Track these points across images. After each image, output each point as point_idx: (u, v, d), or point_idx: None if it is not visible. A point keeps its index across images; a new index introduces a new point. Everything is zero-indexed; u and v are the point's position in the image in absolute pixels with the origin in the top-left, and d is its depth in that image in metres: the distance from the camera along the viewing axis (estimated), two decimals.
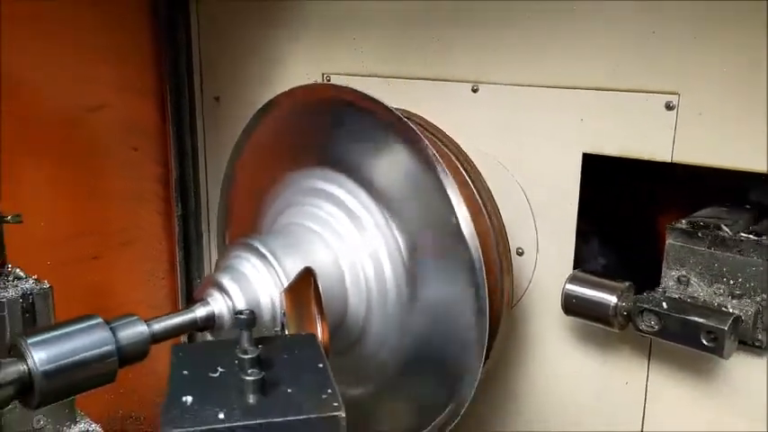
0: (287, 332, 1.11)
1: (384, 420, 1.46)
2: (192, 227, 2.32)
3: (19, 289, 1.31)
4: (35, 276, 1.37)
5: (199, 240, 2.34)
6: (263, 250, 1.21)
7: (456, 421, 1.31)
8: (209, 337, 1.22)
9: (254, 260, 1.20)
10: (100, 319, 1.02)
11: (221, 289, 1.18)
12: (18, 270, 1.38)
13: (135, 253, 2.25)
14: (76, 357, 0.98)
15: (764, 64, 1.19)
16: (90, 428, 1.44)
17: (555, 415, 1.57)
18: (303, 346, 0.94)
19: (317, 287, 1.10)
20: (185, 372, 0.84)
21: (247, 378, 0.79)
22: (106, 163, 2.14)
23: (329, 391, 0.81)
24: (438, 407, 1.31)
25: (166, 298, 2.36)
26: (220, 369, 0.84)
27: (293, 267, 1.21)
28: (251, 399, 0.78)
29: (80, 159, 2.08)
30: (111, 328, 1.02)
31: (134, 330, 1.05)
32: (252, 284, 1.19)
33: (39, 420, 1.39)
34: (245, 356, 0.83)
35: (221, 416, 0.74)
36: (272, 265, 1.20)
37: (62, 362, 0.96)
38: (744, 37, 1.21)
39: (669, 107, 1.31)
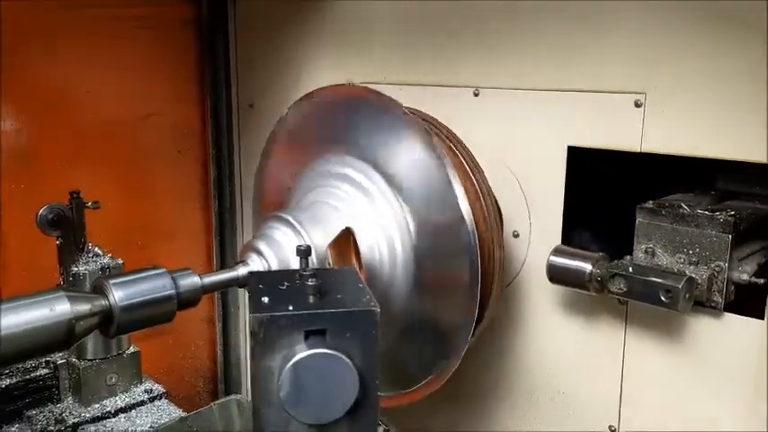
0: None
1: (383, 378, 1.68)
2: (228, 221, 2.57)
3: (98, 263, 1.63)
4: (110, 254, 1.66)
5: (233, 234, 2.59)
6: (293, 221, 1.45)
7: (449, 375, 1.53)
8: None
9: (286, 229, 1.44)
10: (164, 270, 1.27)
11: (258, 252, 1.42)
12: (97, 248, 1.67)
13: (177, 244, 2.51)
14: (147, 297, 1.23)
15: (720, 66, 1.41)
16: (153, 387, 1.71)
17: (542, 374, 1.79)
18: (347, 274, 1.18)
19: (356, 243, 1.35)
20: (261, 285, 1.07)
21: (308, 283, 1.02)
22: (154, 164, 2.41)
23: (367, 296, 1.04)
24: (432, 364, 1.54)
25: None
26: (286, 283, 1.08)
27: (318, 236, 1.45)
28: (310, 299, 1.02)
29: (132, 161, 2.36)
30: (172, 277, 1.27)
31: (190, 280, 1.30)
32: (283, 249, 1.42)
33: (111, 378, 1.66)
34: (306, 272, 1.06)
35: (290, 308, 0.98)
36: (300, 234, 1.44)
37: (136, 299, 1.21)
38: (701, 44, 1.43)
39: (637, 105, 1.53)
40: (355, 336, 0.99)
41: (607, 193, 1.71)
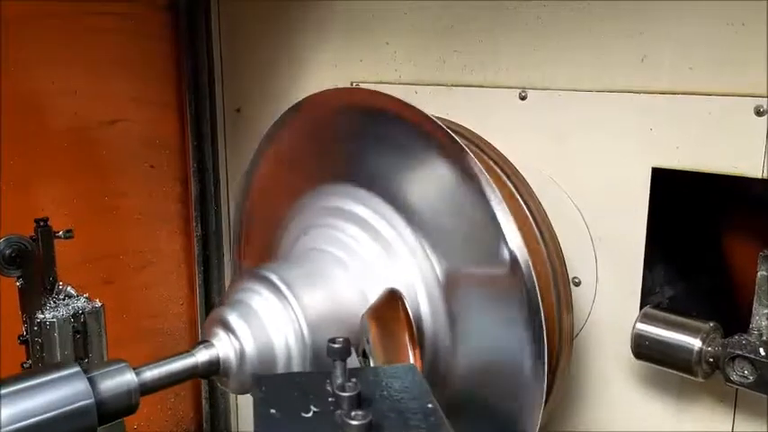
0: (371, 362, 0.99)
1: None
2: (213, 248, 2.18)
3: (70, 308, 1.29)
4: (86, 294, 1.34)
5: (220, 262, 2.20)
6: (278, 282, 1.04)
7: None
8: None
9: (267, 294, 1.03)
10: (77, 368, 0.85)
11: (227, 328, 1.01)
12: (69, 288, 1.34)
13: (151, 277, 2.11)
14: (48, 415, 0.81)
15: None
16: None
17: None
18: (404, 379, 0.80)
19: (407, 311, 0.98)
20: (273, 411, 0.72)
21: (352, 422, 0.66)
22: (122, 180, 2.02)
23: None
24: None
25: (185, 326, 2.21)
26: (314, 408, 0.72)
27: (312, 302, 1.04)
28: None
29: (94, 177, 1.96)
30: (90, 378, 0.85)
31: (119, 380, 0.89)
32: (263, 323, 1.01)
33: None
34: (344, 394, 0.70)
35: None
36: (287, 300, 1.02)
37: (28, 421, 0.79)
38: None
39: (759, 113, 1.11)
40: None
41: (706, 231, 1.29)
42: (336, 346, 0.75)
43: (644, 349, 1.15)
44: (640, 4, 1.23)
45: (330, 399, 0.73)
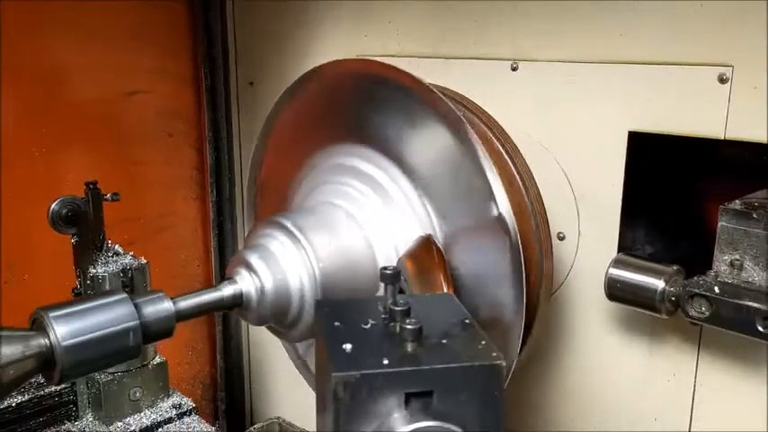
0: None
1: None
2: (227, 213, 2.30)
3: (119, 264, 1.41)
4: (132, 253, 1.46)
5: (234, 227, 2.32)
6: (292, 228, 1.16)
7: None
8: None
9: (283, 238, 1.16)
10: (124, 295, 0.99)
11: (249, 267, 1.14)
12: (117, 246, 1.45)
13: (170, 239, 2.24)
14: (99, 333, 0.95)
15: None
16: (182, 401, 1.50)
17: (595, 408, 1.50)
18: (444, 303, 0.92)
19: (441, 253, 1.08)
20: (337, 323, 0.83)
21: (406, 327, 0.77)
22: (142, 148, 2.14)
23: (483, 342, 0.79)
24: None
25: (201, 286, 2.33)
26: (371, 321, 0.83)
27: (323, 246, 1.17)
28: (409, 347, 0.77)
29: (116, 145, 2.08)
30: (135, 304, 0.99)
31: (159, 307, 1.03)
32: (280, 263, 1.15)
33: (135, 393, 1.45)
34: (397, 308, 0.81)
35: (385, 361, 0.73)
36: (300, 244, 1.16)
37: (84, 336, 0.94)
38: None
39: (722, 80, 1.23)
40: (472, 399, 0.74)
41: (676, 188, 1.41)
42: (388, 272, 0.86)
43: (616, 291, 1.29)
44: None
45: (383, 316, 0.83)
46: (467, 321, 0.85)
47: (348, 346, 0.76)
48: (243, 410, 2.49)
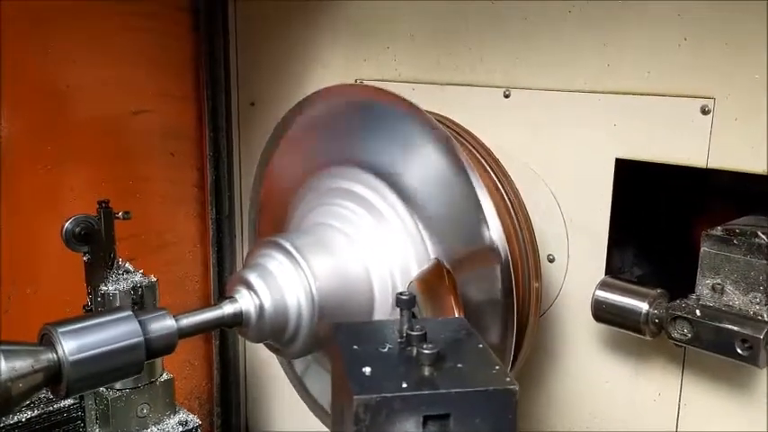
0: None
1: None
2: (226, 230, 2.34)
3: (129, 282, 1.44)
4: (141, 271, 1.49)
5: (232, 244, 2.36)
6: (291, 249, 1.21)
7: None
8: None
9: (281, 258, 1.20)
10: (130, 312, 1.04)
11: (249, 286, 1.19)
12: (128, 264, 1.49)
13: (169, 256, 2.28)
14: (105, 348, 0.99)
15: None
16: (188, 419, 1.53)
17: (582, 426, 1.54)
18: (457, 328, 0.95)
19: (453, 278, 1.11)
20: (355, 347, 0.86)
21: (424, 351, 0.81)
22: (144, 166, 2.18)
23: (497, 367, 0.83)
24: None
25: (199, 302, 2.38)
26: (388, 345, 0.87)
27: (320, 266, 1.21)
28: (426, 371, 0.80)
29: (118, 163, 2.12)
30: (140, 321, 1.04)
31: (162, 324, 1.07)
32: (278, 282, 1.19)
33: (142, 409, 1.48)
34: (414, 333, 0.85)
35: (404, 385, 0.76)
36: (298, 264, 1.20)
37: (91, 352, 0.98)
38: None
39: (705, 111, 1.28)
40: (487, 421, 0.78)
41: (661, 214, 1.46)
42: (404, 297, 0.89)
43: (602, 313, 1.33)
44: (606, 21, 1.39)
45: (399, 340, 0.87)
46: (480, 346, 0.88)
47: (368, 369, 0.79)
48: (239, 426, 2.52)
